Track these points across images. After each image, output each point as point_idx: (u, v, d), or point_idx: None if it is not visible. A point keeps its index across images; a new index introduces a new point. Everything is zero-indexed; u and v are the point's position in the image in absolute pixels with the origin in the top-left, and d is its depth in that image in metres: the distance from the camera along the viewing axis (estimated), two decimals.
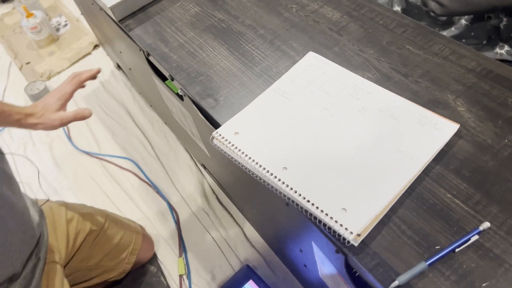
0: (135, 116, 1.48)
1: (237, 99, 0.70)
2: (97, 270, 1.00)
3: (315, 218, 0.53)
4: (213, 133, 0.65)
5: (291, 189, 0.56)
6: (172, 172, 1.31)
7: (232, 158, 0.63)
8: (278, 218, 0.75)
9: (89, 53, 1.76)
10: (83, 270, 0.97)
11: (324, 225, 0.53)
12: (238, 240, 1.13)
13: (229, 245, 1.13)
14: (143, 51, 0.85)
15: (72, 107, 1.54)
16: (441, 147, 0.57)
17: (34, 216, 0.77)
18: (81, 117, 0.87)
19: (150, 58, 0.83)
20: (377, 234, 0.52)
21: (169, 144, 1.38)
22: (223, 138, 0.64)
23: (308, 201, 0.54)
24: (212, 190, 1.24)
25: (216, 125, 0.68)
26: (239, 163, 0.62)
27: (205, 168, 1.22)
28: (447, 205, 0.52)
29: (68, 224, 0.91)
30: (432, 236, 0.50)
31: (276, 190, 0.57)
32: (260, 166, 0.59)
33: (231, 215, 1.18)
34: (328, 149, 0.59)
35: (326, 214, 0.53)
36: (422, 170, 0.55)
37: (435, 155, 0.56)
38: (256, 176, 0.59)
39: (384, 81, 0.67)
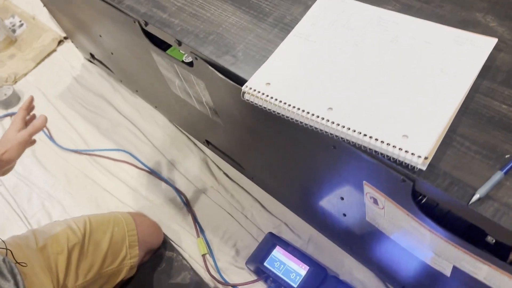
0: (119, 107, 1.41)
1: (256, 52, 0.67)
2: (101, 280, 0.94)
3: (374, 152, 0.52)
4: (243, 88, 0.62)
5: (343, 127, 0.54)
6: (171, 156, 1.26)
7: (268, 109, 0.60)
8: (312, 170, 0.72)
9: (54, 50, 1.66)
10: (87, 286, 0.92)
11: (385, 156, 0.51)
12: (254, 210, 1.11)
13: (246, 217, 1.10)
14: (139, 22, 0.80)
15: (48, 108, 1.46)
16: (483, 63, 0.56)
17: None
18: (36, 129, 0.83)
19: (148, 27, 0.78)
20: (442, 155, 0.51)
21: (161, 128, 1.32)
22: (255, 91, 0.61)
23: (365, 135, 0.52)
24: (218, 166, 1.20)
25: (239, 82, 0.65)
26: (277, 114, 0.59)
27: (208, 144, 1.18)
28: (505, 115, 0.52)
29: (42, 253, 0.86)
30: (498, 147, 0.50)
31: (323, 132, 0.55)
32: (303, 111, 0.57)
33: (242, 187, 1.15)
34: (371, 81, 0.57)
35: (388, 144, 0.51)
36: (470, 87, 0.55)
37: (479, 70, 0.56)
38: (299, 123, 0.57)
39: (406, 10, 0.65)
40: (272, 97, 0.59)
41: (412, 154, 0.50)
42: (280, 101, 0.59)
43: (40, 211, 1.24)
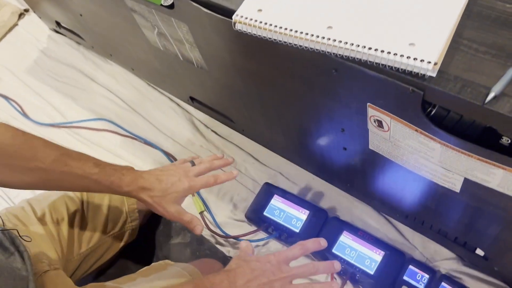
0: (93, 75, 1.35)
1: None
2: (104, 246, 0.92)
3: (380, 66, 0.50)
4: (234, 17, 0.59)
5: (346, 43, 0.51)
6: (155, 120, 1.22)
7: (263, 37, 0.57)
8: (311, 105, 0.70)
9: (15, 25, 1.56)
10: (91, 253, 0.89)
11: (393, 68, 0.49)
12: (248, 164, 1.09)
13: (240, 171, 1.08)
14: None
15: (18, 85, 1.38)
16: None
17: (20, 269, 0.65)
18: (193, 228, 0.75)
19: None
20: (451, 60, 0.49)
21: (140, 93, 1.27)
22: (246, 18, 0.58)
23: (370, 48, 0.50)
24: (205, 125, 1.17)
25: (228, 15, 0.61)
26: (272, 41, 0.56)
27: (193, 101, 1.14)
28: (511, 14, 0.50)
29: (42, 223, 0.82)
30: (507, 46, 0.48)
31: (324, 53, 0.53)
32: (301, 32, 0.54)
33: (233, 143, 1.12)
34: None
35: (395, 54, 0.49)
36: None
37: None
38: (298, 47, 0.54)
39: None
40: (266, 23, 0.56)
41: (421, 61, 0.48)
42: (275, 26, 0.56)
43: (23, 191, 1.18)
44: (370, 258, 0.88)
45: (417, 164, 0.62)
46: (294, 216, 0.97)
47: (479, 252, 0.76)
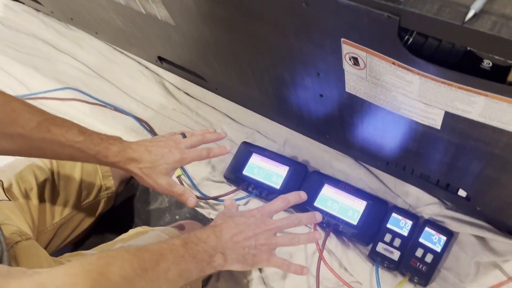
0: (54, 43, 1.28)
1: None
2: (79, 216, 0.89)
3: None
4: None
5: None
6: (124, 85, 1.16)
7: None
8: (284, 49, 0.66)
9: None
10: (65, 224, 0.85)
11: None
12: (223, 124, 1.05)
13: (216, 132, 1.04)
14: None
15: None
16: None
17: None
18: (185, 201, 0.74)
19: None
20: None
21: (106, 58, 1.21)
22: None
23: None
24: (177, 87, 1.12)
25: None
26: None
27: (162, 61, 1.09)
28: None
29: (9, 194, 0.77)
30: None
31: None
32: None
33: (207, 104, 1.08)
34: None
35: None
36: None
37: None
38: None
39: None
40: None
41: None
42: None
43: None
44: (352, 209, 0.87)
45: (395, 102, 0.60)
46: (274, 173, 0.94)
47: (462, 193, 0.75)
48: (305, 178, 0.93)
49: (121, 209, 0.98)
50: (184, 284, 0.58)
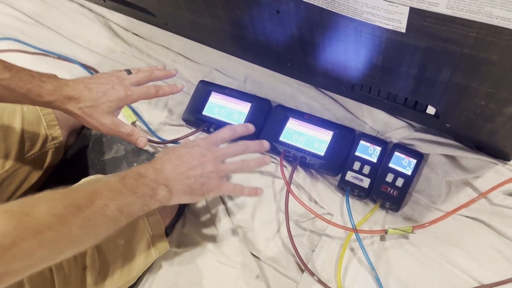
0: None
1: None
2: (25, 169, 0.81)
3: None
4: None
5: None
6: (66, 31, 1.06)
7: None
8: None
9: None
10: (9, 178, 0.78)
11: None
12: (178, 64, 0.97)
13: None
14: None
15: None
16: None
17: None
18: (135, 141, 0.69)
19: None
20: None
21: (45, 2, 1.10)
22: None
23: None
24: (124, 28, 1.03)
25: None
26: None
27: None
28: None
29: None
30: None
31: None
32: None
33: (158, 43, 1.00)
34: None
35: None
36: None
37: None
38: None
39: None
40: None
41: None
42: None
43: None
44: (319, 140, 0.82)
45: (356, 5, 0.54)
46: (236, 111, 0.89)
47: (430, 110, 0.72)
48: (268, 114, 0.88)
49: (73, 161, 0.91)
50: (130, 220, 0.54)
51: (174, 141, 0.88)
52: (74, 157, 0.91)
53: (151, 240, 0.71)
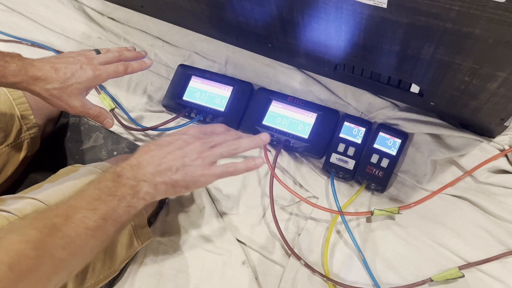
0: None
1: None
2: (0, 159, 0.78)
3: None
4: None
5: None
6: (40, 17, 1.02)
7: None
8: None
9: None
10: None
11: None
12: (156, 49, 0.94)
13: (149, 58, 0.94)
14: None
15: None
16: None
17: None
18: (103, 122, 0.67)
19: None
20: None
21: None
22: None
23: None
24: (99, 12, 0.99)
25: None
26: None
27: None
28: None
29: None
30: None
31: None
32: None
33: (135, 28, 0.97)
34: None
35: None
36: None
37: None
38: None
39: None
40: None
41: None
42: None
43: None
44: (302, 123, 0.81)
45: None
46: (217, 95, 0.86)
47: (414, 89, 0.71)
48: (251, 97, 0.86)
49: (51, 151, 0.88)
50: (118, 226, 0.51)
51: (154, 128, 0.86)
52: (51, 147, 0.89)
53: (133, 230, 0.69)
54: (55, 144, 0.89)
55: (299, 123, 0.81)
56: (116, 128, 0.89)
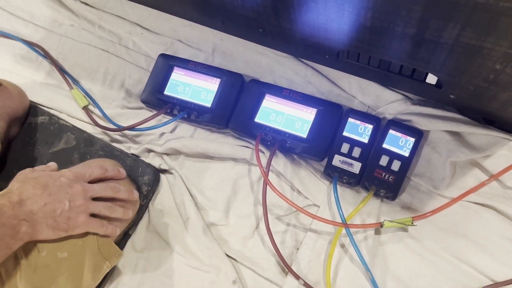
0: None
1: None
2: None
3: None
4: None
5: None
6: (5, 2, 0.91)
7: None
8: None
9: None
10: None
11: None
12: (135, 36, 0.83)
13: (127, 47, 0.83)
14: None
15: None
16: None
17: None
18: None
19: None
20: None
21: None
22: None
23: None
24: None
25: None
26: None
27: None
28: None
29: None
30: None
31: None
32: None
33: (111, 13, 0.86)
34: None
35: None
36: None
37: None
38: None
39: None
40: None
41: None
42: None
43: None
44: (300, 120, 0.71)
45: None
46: (203, 89, 0.76)
47: (431, 79, 0.60)
48: (241, 90, 0.76)
49: (18, 155, 0.78)
50: None
51: (132, 127, 0.75)
52: (18, 151, 0.79)
53: (98, 249, 0.59)
54: (23, 146, 0.79)
55: (297, 120, 0.70)
56: (89, 128, 0.79)
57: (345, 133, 0.68)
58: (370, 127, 0.68)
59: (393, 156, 0.65)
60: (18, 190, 0.53)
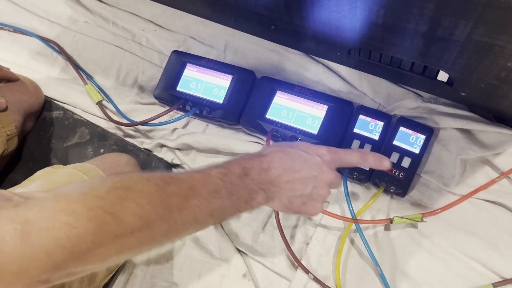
0: None
1: None
2: None
3: None
4: None
5: None
6: (24, 1, 0.93)
7: None
8: None
9: None
10: None
11: None
12: (149, 33, 0.85)
13: (141, 44, 0.85)
14: None
15: None
16: None
17: None
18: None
19: None
20: None
21: None
22: None
23: None
24: None
25: None
26: None
27: None
28: None
29: None
30: None
31: None
32: None
33: (126, 10, 0.87)
34: None
35: None
36: None
37: None
38: None
39: None
40: None
41: None
42: None
43: None
44: (311, 116, 0.71)
45: None
46: (215, 85, 0.77)
47: (442, 76, 0.60)
48: (253, 87, 0.76)
49: (33, 149, 0.80)
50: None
51: (145, 123, 0.77)
52: (33, 145, 0.80)
53: None
54: (37, 141, 0.81)
55: (308, 116, 0.71)
56: (103, 122, 0.80)
57: (355, 130, 0.68)
58: (380, 124, 0.68)
59: (403, 153, 0.66)
60: (270, 156, 0.49)
